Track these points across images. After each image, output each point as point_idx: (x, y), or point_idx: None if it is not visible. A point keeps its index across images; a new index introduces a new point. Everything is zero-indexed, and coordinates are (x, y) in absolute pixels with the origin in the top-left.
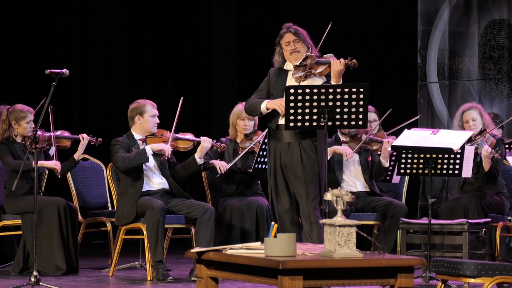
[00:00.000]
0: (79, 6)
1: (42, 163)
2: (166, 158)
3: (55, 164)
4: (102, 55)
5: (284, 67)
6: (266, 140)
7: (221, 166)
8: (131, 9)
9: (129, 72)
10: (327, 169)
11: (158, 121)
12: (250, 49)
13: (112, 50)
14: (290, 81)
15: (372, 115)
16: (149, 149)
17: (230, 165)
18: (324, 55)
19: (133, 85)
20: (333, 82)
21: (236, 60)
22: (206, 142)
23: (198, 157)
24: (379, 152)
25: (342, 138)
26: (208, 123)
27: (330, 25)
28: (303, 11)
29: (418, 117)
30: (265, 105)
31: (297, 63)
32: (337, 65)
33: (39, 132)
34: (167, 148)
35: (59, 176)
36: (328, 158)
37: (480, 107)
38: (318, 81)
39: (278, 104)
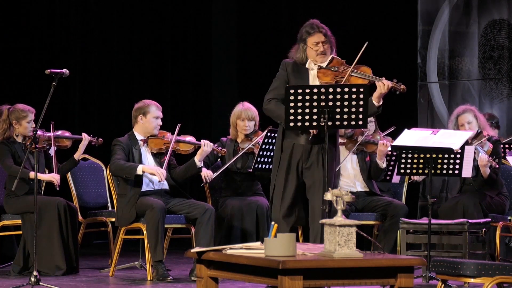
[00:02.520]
0: (80, 6)
1: (40, 176)
2: (161, 181)
3: (52, 177)
4: (102, 55)
5: (307, 65)
6: (267, 141)
7: (207, 175)
8: (131, 9)
9: (129, 72)
10: None
11: (160, 123)
12: (250, 49)
13: (112, 50)
14: (314, 80)
15: None
16: (140, 169)
17: (216, 174)
18: (359, 66)
19: (133, 85)
20: (375, 103)
21: (236, 60)
22: (206, 146)
23: (198, 160)
24: (376, 153)
25: (339, 139)
26: (208, 123)
27: (366, 44)
28: (303, 12)
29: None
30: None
31: (323, 65)
32: (384, 88)
33: (39, 132)
34: (160, 172)
35: (57, 189)
36: None
37: (474, 108)
38: None
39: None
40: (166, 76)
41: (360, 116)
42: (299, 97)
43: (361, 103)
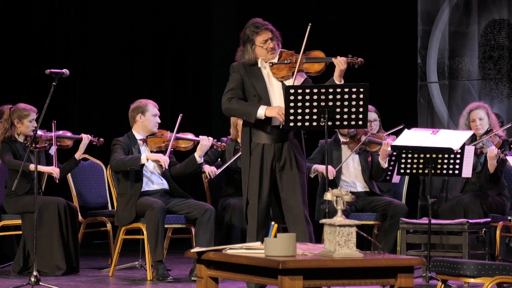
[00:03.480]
0: (80, 6)
1: (40, 168)
2: (164, 168)
3: (52, 169)
4: (102, 55)
5: (259, 65)
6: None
7: (211, 171)
8: (131, 9)
9: (130, 72)
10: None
11: (159, 120)
12: None
13: (113, 50)
14: (269, 78)
15: (372, 115)
16: (144, 158)
17: (220, 170)
18: (310, 52)
19: (133, 85)
20: (336, 82)
21: None
22: (205, 141)
23: (198, 156)
24: (378, 153)
25: (342, 139)
26: (208, 123)
27: (309, 27)
28: (303, 12)
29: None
30: (264, 112)
31: (275, 61)
32: (342, 64)
33: (41, 132)
34: (163, 159)
35: (57, 181)
36: (312, 176)
37: (487, 107)
38: (300, 79)
39: (279, 112)
40: (166, 76)
41: (360, 116)
42: (299, 97)
43: (361, 103)
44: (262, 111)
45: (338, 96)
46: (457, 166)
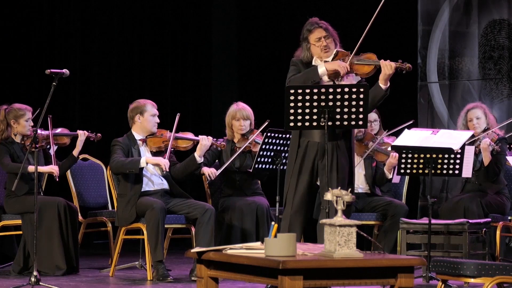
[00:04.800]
0: (79, 5)
1: (39, 168)
2: (165, 171)
3: (51, 168)
4: (102, 55)
5: (313, 63)
6: (267, 141)
7: (210, 173)
8: (131, 9)
9: (129, 72)
10: None
11: (158, 120)
12: (250, 49)
13: (112, 50)
14: (323, 76)
15: (372, 115)
16: (143, 161)
17: (220, 171)
18: (363, 54)
19: (133, 85)
20: (381, 85)
21: (237, 60)
22: (205, 140)
23: (198, 156)
24: (384, 162)
25: None
26: (208, 123)
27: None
28: (303, 12)
29: (411, 121)
30: (325, 67)
31: (329, 60)
32: (388, 69)
33: (38, 131)
34: (163, 163)
35: (57, 179)
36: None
37: (485, 107)
38: (354, 80)
39: (341, 65)
40: (166, 76)
41: (361, 116)
42: (299, 97)
43: (361, 103)
44: (323, 67)
45: (338, 96)
46: (457, 166)
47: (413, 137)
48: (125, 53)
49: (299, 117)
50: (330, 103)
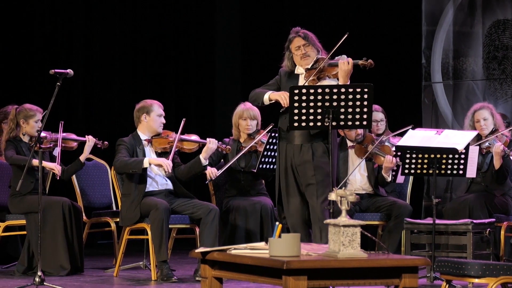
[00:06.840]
0: (82, 6)
1: (44, 164)
2: (167, 173)
3: (54, 166)
4: (105, 56)
5: (296, 71)
6: (271, 141)
7: (211, 172)
8: (133, 10)
9: (133, 73)
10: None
11: (164, 121)
12: (254, 49)
13: (115, 51)
14: (303, 83)
15: (379, 115)
16: (146, 161)
17: (221, 171)
18: (336, 57)
19: (136, 86)
20: (340, 83)
21: (240, 60)
22: (212, 143)
23: (203, 158)
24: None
25: (349, 142)
26: (212, 123)
27: (346, 35)
28: (306, 12)
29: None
30: (268, 96)
31: (309, 67)
32: (344, 65)
33: (46, 134)
34: (166, 164)
35: (57, 178)
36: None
37: (491, 107)
38: (332, 83)
39: (282, 96)
40: (169, 76)
41: (365, 116)
42: (303, 97)
43: (365, 103)
44: (267, 96)
45: (342, 96)
46: (461, 167)
47: (418, 137)
48: (128, 54)
49: (303, 117)
50: (334, 103)
